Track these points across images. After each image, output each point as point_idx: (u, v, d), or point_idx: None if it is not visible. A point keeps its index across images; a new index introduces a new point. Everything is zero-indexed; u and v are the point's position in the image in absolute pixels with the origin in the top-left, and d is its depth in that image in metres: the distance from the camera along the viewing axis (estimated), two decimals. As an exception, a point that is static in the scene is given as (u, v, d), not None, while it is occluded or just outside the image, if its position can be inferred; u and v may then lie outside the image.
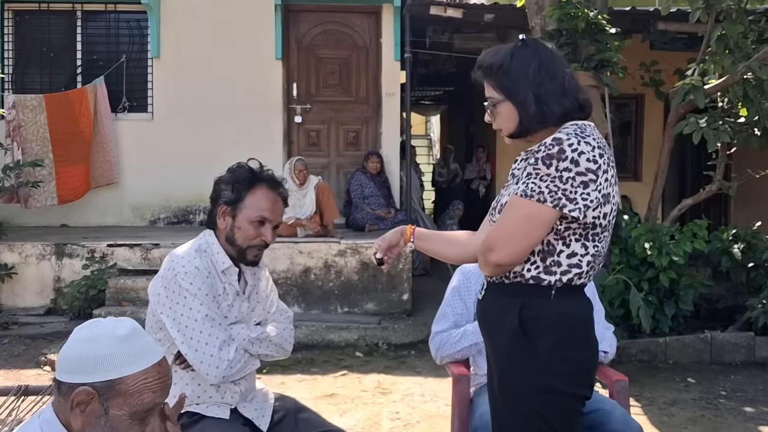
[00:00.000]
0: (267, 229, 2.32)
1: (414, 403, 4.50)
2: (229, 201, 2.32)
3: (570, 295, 1.88)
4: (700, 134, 5.11)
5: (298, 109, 8.12)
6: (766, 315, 5.36)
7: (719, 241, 5.94)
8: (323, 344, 5.76)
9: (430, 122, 20.01)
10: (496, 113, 1.96)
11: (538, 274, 1.87)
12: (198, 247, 2.33)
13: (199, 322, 2.21)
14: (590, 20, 5.66)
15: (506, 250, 1.83)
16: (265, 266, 2.52)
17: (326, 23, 8.19)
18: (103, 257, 6.46)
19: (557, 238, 1.86)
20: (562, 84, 1.90)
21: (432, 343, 2.89)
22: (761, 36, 5.74)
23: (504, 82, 1.92)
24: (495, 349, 1.95)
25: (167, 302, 2.25)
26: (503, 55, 1.93)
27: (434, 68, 10.87)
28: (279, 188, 2.38)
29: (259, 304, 2.46)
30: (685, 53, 8.11)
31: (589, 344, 1.91)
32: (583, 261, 1.87)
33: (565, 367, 1.84)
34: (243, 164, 2.38)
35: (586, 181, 1.79)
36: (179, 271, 2.24)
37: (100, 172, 7.73)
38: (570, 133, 1.83)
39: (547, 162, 1.80)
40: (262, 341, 2.36)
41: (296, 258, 6.48)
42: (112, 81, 7.96)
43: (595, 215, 1.84)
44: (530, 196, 1.81)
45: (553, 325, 1.85)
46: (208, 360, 2.19)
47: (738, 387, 5.01)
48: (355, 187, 7.66)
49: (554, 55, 1.95)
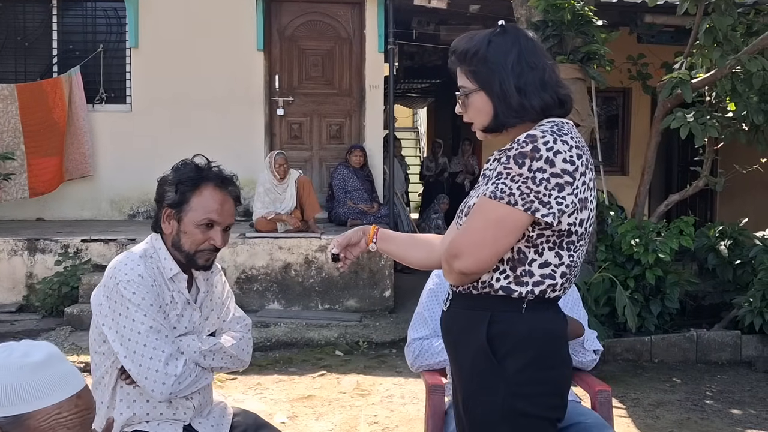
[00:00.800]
0: (216, 232, 2.14)
1: (393, 406, 4.37)
2: (173, 203, 2.14)
3: (543, 309, 1.73)
4: (688, 129, 4.99)
5: (280, 102, 7.95)
6: (753, 313, 5.26)
7: (706, 238, 5.85)
8: (302, 342, 5.63)
9: (417, 115, 19.86)
10: (469, 104, 1.79)
11: (508, 285, 1.71)
12: (143, 253, 2.16)
13: (143, 335, 2.04)
14: (577, 12, 5.54)
15: (472, 257, 1.67)
16: (220, 271, 2.36)
17: (309, 14, 8.02)
18: (77, 253, 6.29)
19: (529, 246, 1.70)
20: (542, 76, 1.74)
21: (409, 350, 2.71)
22: (750, 29, 5.63)
23: (479, 71, 1.75)
24: (460, 367, 1.79)
25: (109, 313, 2.08)
26: (480, 41, 1.76)
27: (420, 60, 10.72)
28: (228, 186, 2.18)
29: (213, 312, 2.29)
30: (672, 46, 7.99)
31: (562, 362, 1.75)
32: (557, 272, 1.71)
33: (536, 389, 1.69)
34: (188, 161, 2.19)
35: (561, 183, 1.63)
36: (121, 279, 2.07)
37: (74, 164, 7.54)
38: (546, 131, 1.67)
39: (519, 161, 1.64)
40: (215, 353, 2.19)
41: (276, 254, 6.34)
42: (89, 71, 7.76)
43: (571, 222, 1.68)
44: (500, 197, 1.65)
45: (523, 343, 1.69)
46: (153, 376, 2.02)
47: (724, 387, 4.92)
48: (337, 181, 7.51)
49: (535, 44, 1.79)
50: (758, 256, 5.42)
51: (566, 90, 1.80)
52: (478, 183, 1.90)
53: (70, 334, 5.58)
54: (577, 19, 5.56)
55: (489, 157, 1.98)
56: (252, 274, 6.28)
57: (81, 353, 5.09)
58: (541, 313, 1.72)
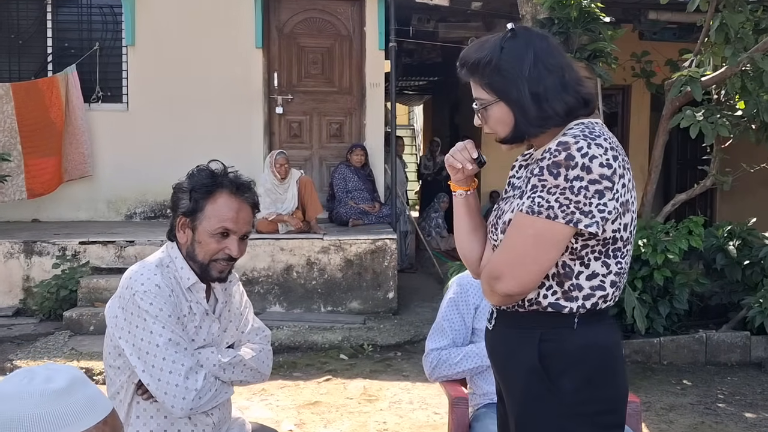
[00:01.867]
0: (232, 241, 2.05)
1: (402, 412, 4.29)
2: (187, 211, 2.05)
3: (595, 323, 1.64)
4: (698, 128, 4.92)
5: (279, 100, 7.84)
6: (763, 314, 5.20)
7: (714, 238, 5.78)
8: (306, 346, 5.53)
9: (413, 112, 19.76)
10: (488, 116, 1.69)
11: (556, 301, 1.62)
12: (159, 262, 2.07)
13: (162, 348, 1.94)
14: (583, 9, 5.46)
15: (515, 279, 1.58)
16: (238, 280, 2.27)
17: (308, 11, 7.91)
18: (75, 255, 6.17)
19: (574, 259, 1.61)
20: (561, 77, 1.64)
21: (427, 360, 2.64)
22: (757, 26, 5.56)
23: (495, 81, 1.65)
24: (510, 389, 1.70)
25: (125, 325, 1.98)
26: (491, 49, 1.66)
27: (419, 57, 10.64)
28: (244, 193, 2.08)
29: (232, 324, 2.20)
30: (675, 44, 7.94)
31: (618, 379, 1.66)
32: (606, 281, 1.63)
33: (593, 408, 1.61)
34: (203, 167, 2.10)
35: (601, 189, 1.54)
36: (138, 290, 1.98)
37: (73, 165, 7.41)
38: (577, 135, 1.57)
39: (553, 171, 1.54)
40: (235, 366, 2.10)
41: (277, 255, 6.24)
42: (85, 70, 7.63)
43: (615, 228, 1.59)
44: (538, 212, 1.55)
45: (578, 360, 1.60)
46: (173, 390, 1.93)
47: (736, 390, 4.85)
48: (338, 180, 7.41)
49: (549, 43, 1.69)
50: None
51: (588, 88, 1.70)
52: (506, 193, 1.81)
53: (69, 338, 5.47)
54: (583, 16, 5.48)
55: (514, 164, 1.89)
56: (253, 276, 6.18)
57: (81, 358, 4.99)
58: (594, 326, 1.64)
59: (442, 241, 9.46)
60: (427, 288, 7.41)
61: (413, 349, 5.65)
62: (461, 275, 2.69)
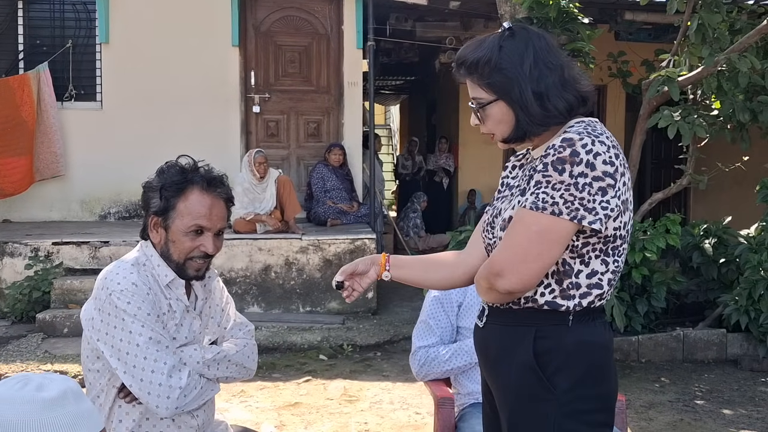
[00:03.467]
0: (206, 238, 2.00)
1: (383, 412, 4.26)
2: (158, 210, 2.00)
3: (590, 320, 1.63)
4: (676, 128, 4.96)
5: (256, 99, 7.77)
6: (739, 312, 5.26)
7: (690, 236, 5.83)
8: (285, 347, 5.48)
9: (390, 112, 19.75)
10: (486, 116, 1.68)
11: (554, 299, 1.61)
12: (135, 261, 2.02)
13: (142, 347, 1.89)
14: (561, 9, 5.47)
15: (518, 275, 1.56)
16: (217, 276, 2.22)
17: (285, 9, 7.84)
18: (48, 256, 6.05)
19: (574, 257, 1.60)
20: (561, 75, 1.63)
21: (415, 358, 2.61)
22: (732, 27, 5.62)
23: (494, 80, 1.63)
24: (502, 387, 1.68)
25: (103, 327, 1.93)
26: (489, 48, 1.64)
27: (396, 57, 10.61)
28: (217, 188, 2.03)
29: (213, 320, 2.16)
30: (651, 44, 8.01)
31: (611, 376, 1.66)
32: (604, 279, 1.62)
33: (587, 405, 1.60)
34: (172, 163, 2.04)
35: (603, 186, 1.53)
36: (114, 289, 1.92)
37: (44, 164, 7.28)
38: (581, 132, 1.56)
39: (558, 167, 1.53)
40: (219, 362, 2.06)
41: (255, 255, 6.18)
42: (58, 68, 7.49)
43: (616, 226, 1.59)
44: (542, 208, 1.54)
45: (573, 357, 1.60)
46: (156, 390, 1.88)
47: (713, 387, 4.90)
48: (316, 180, 7.36)
49: (548, 42, 1.67)
50: (744, 255, 5.42)
51: (587, 85, 1.69)
52: (500, 193, 1.80)
53: (43, 341, 5.36)
54: (562, 16, 5.50)
55: (506, 164, 1.88)
56: (231, 277, 6.11)
57: (55, 361, 4.89)
58: (589, 324, 1.63)
59: (420, 241, 9.46)
60: (406, 288, 7.35)
61: (393, 349, 5.63)
62: None
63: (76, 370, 4.73)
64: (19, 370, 4.72)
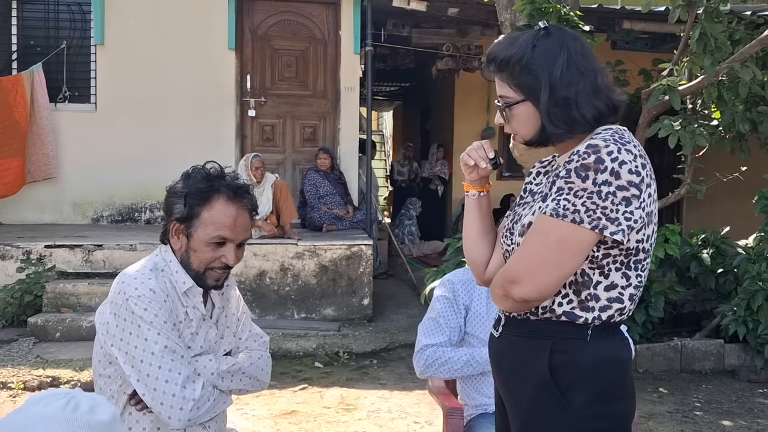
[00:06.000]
0: (228, 249, 1.94)
1: (381, 421, 4.21)
2: (182, 217, 1.94)
3: (609, 336, 1.59)
4: (677, 137, 4.94)
5: (252, 103, 7.73)
6: (737, 322, 5.24)
7: (688, 246, 5.82)
8: (280, 354, 5.41)
9: (383, 118, 19.74)
10: (512, 115, 1.64)
11: (572, 310, 1.56)
12: (154, 266, 1.96)
13: (157, 356, 1.84)
14: (562, 16, 5.45)
15: (534, 283, 1.51)
16: (235, 285, 2.17)
17: (282, 13, 7.81)
18: (40, 259, 5.97)
19: (593, 267, 1.55)
20: (594, 82, 1.59)
21: (420, 356, 2.50)
22: (731, 37, 5.62)
23: (524, 80, 1.59)
24: (516, 400, 1.63)
25: (118, 332, 1.88)
26: (522, 46, 1.60)
27: (392, 63, 10.58)
28: (242, 198, 1.97)
29: (229, 330, 2.10)
30: (647, 54, 8.03)
31: (627, 395, 1.61)
32: (625, 294, 1.57)
33: (602, 424, 1.55)
34: (199, 169, 1.98)
35: (628, 197, 1.48)
36: (131, 294, 1.88)
37: (36, 166, 7.19)
38: (607, 139, 1.51)
39: (582, 174, 1.48)
40: (233, 374, 2.01)
41: (250, 261, 6.11)
42: (52, 69, 7.42)
43: (639, 238, 1.54)
44: (563, 215, 1.49)
45: (589, 374, 1.54)
46: (169, 401, 1.83)
47: (711, 397, 4.88)
48: (309, 186, 7.31)
49: (584, 46, 1.63)
50: (742, 265, 5.41)
51: (620, 94, 1.65)
52: (522, 199, 1.76)
53: (34, 345, 5.28)
54: (562, 23, 5.47)
55: (531, 170, 1.84)
56: (226, 282, 6.04)
57: (47, 366, 4.81)
58: (608, 340, 1.58)
59: (414, 248, 9.42)
60: (402, 294, 7.35)
61: (389, 356, 5.58)
62: (447, 276, 2.61)
63: (69, 375, 4.65)
64: (10, 375, 4.64)
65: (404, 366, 5.31)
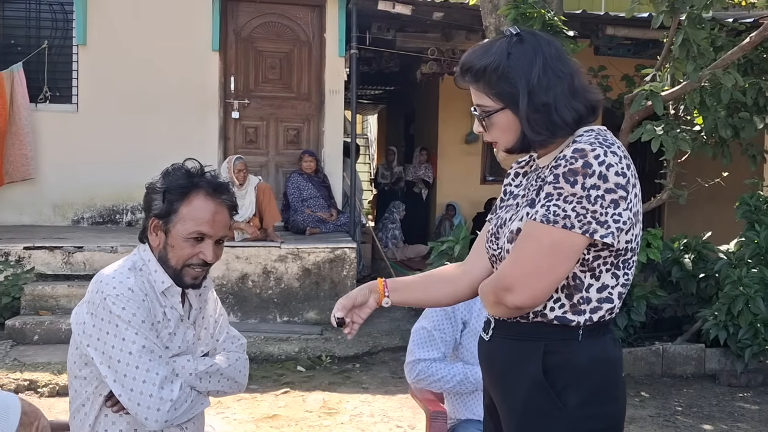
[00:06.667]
0: (207, 245, 1.93)
1: (363, 425, 4.18)
2: (160, 213, 1.93)
3: (600, 335, 1.58)
4: (659, 142, 4.97)
5: (236, 104, 7.68)
6: (717, 327, 5.27)
7: (670, 251, 5.85)
8: (261, 357, 5.38)
9: (367, 121, 19.72)
10: (491, 124, 1.62)
11: (564, 314, 1.56)
12: (132, 265, 1.94)
13: (135, 356, 1.82)
14: (546, 21, 5.47)
15: (528, 290, 1.50)
16: (213, 286, 2.15)
17: (267, 15, 7.77)
18: (19, 261, 5.89)
19: (585, 270, 1.55)
20: (571, 84, 1.57)
21: (413, 369, 2.48)
22: (714, 44, 5.67)
23: (502, 88, 1.57)
24: (509, 402, 1.62)
25: (95, 332, 1.85)
26: (497, 54, 1.58)
27: (376, 66, 10.57)
28: (222, 195, 1.97)
29: (206, 331, 2.08)
30: (630, 59, 8.08)
31: (621, 394, 1.62)
32: (614, 293, 1.57)
33: (597, 425, 1.55)
34: (179, 166, 1.98)
35: (616, 199, 1.49)
36: (109, 293, 1.85)
37: (14, 166, 7.09)
38: (593, 143, 1.51)
39: (570, 179, 1.48)
40: (212, 375, 1.99)
41: (233, 263, 6.07)
42: (32, 69, 7.33)
43: (628, 239, 1.55)
44: (554, 221, 1.49)
45: (583, 374, 1.54)
46: (146, 401, 1.81)
47: (692, 401, 4.90)
48: (292, 190, 7.27)
49: (558, 49, 1.62)
50: (723, 270, 5.44)
51: (596, 94, 1.64)
52: (503, 201, 1.75)
53: (12, 348, 5.20)
54: (546, 28, 5.48)
55: (509, 171, 1.83)
56: (207, 285, 5.99)
57: (24, 369, 4.74)
58: (599, 339, 1.58)
59: (398, 251, 9.41)
60: (385, 298, 7.31)
61: (372, 360, 5.56)
62: None
63: (47, 379, 4.59)
64: (-13, 378, 4.56)
65: (387, 370, 5.29)
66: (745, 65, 5.61)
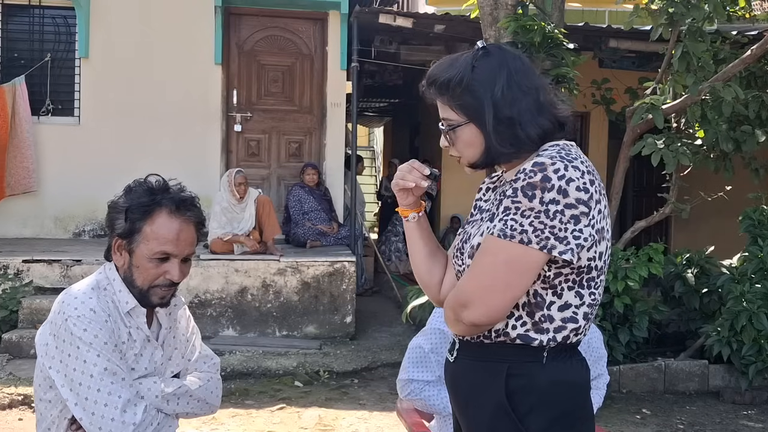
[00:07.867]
0: (172, 264, 1.89)
1: (358, 442, 4.13)
2: (123, 233, 1.89)
3: (566, 358, 1.54)
4: (660, 155, 4.92)
5: (238, 117, 7.68)
6: (721, 343, 5.19)
7: (673, 266, 5.78)
8: (259, 372, 5.33)
9: (374, 134, 19.74)
10: (456, 138, 1.60)
11: (526, 332, 1.52)
12: (96, 284, 1.90)
13: (96, 378, 1.78)
14: (547, 34, 5.44)
15: (484, 306, 1.47)
16: (184, 304, 2.11)
17: (269, 28, 7.79)
18: (18, 274, 5.88)
19: (546, 288, 1.51)
20: (536, 99, 1.55)
21: (405, 388, 2.45)
22: (716, 56, 5.63)
23: (466, 101, 1.55)
24: (475, 427, 1.58)
25: (57, 354, 1.81)
26: (462, 67, 1.56)
27: (380, 79, 10.58)
28: (186, 212, 1.91)
29: (177, 351, 2.04)
30: (634, 72, 8.04)
31: (587, 417, 1.57)
32: (579, 313, 1.53)
33: None
34: (141, 182, 1.93)
35: (576, 215, 1.45)
36: (70, 314, 1.81)
37: (16, 179, 7.11)
38: (554, 156, 1.48)
39: (528, 193, 1.45)
40: (180, 397, 1.94)
41: (232, 277, 6.04)
42: (35, 81, 7.37)
43: (590, 256, 1.50)
44: (510, 236, 1.45)
45: (547, 398, 1.50)
46: (108, 425, 1.76)
47: (695, 419, 4.82)
48: (293, 203, 7.25)
49: (524, 63, 1.60)
50: (726, 285, 5.36)
51: (565, 110, 1.61)
52: (472, 216, 1.72)
53: (8, 362, 5.18)
54: (547, 41, 5.46)
55: (480, 186, 1.80)
56: (206, 299, 5.97)
57: (19, 384, 4.71)
58: (565, 361, 1.54)
59: (401, 265, 9.36)
60: (386, 312, 7.27)
61: (370, 376, 5.50)
62: None
63: (41, 394, 4.55)
64: (-19, 392, 4.54)
65: (385, 386, 5.24)
66: (748, 78, 5.55)
